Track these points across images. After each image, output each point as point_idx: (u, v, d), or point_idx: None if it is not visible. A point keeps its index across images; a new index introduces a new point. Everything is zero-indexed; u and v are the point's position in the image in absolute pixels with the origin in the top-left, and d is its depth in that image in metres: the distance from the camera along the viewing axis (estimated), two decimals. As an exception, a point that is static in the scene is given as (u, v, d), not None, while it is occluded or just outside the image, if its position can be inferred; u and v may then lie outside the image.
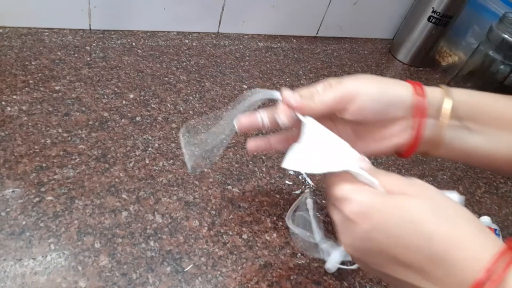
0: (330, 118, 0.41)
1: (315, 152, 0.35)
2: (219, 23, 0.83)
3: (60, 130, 0.54)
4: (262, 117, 0.42)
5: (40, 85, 0.59)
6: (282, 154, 0.61)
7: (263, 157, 0.60)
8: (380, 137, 0.41)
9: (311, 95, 0.39)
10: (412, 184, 0.31)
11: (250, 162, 0.58)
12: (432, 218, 0.28)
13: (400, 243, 0.29)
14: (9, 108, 0.54)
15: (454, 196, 0.34)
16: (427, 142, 0.40)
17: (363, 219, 0.30)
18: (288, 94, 0.39)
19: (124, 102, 0.61)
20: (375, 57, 0.96)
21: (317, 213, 0.42)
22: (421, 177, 0.66)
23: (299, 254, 0.49)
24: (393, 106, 0.39)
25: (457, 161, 0.46)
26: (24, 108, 0.55)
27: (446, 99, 0.39)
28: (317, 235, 0.45)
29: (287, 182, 0.57)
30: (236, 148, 0.60)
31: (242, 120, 0.43)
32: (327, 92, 0.38)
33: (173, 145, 0.57)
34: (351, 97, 0.37)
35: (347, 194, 0.31)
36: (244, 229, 0.50)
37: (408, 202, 0.29)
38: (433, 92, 0.39)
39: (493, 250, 0.26)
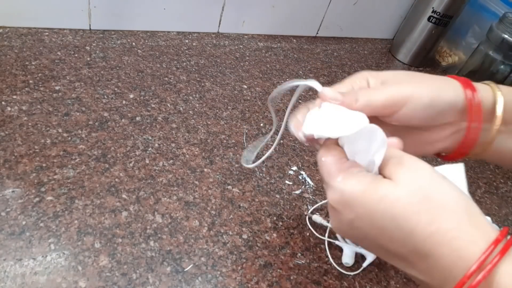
0: (380, 121, 0.37)
1: (332, 117, 0.33)
2: (219, 23, 0.83)
3: (60, 130, 0.54)
4: None
5: (40, 85, 0.59)
6: (282, 154, 0.61)
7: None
8: (423, 142, 0.37)
9: (353, 92, 0.35)
10: (405, 166, 0.29)
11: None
12: (415, 215, 0.27)
13: (384, 235, 0.28)
14: (9, 108, 0.54)
15: (460, 168, 0.32)
16: (476, 146, 0.37)
17: (345, 208, 0.29)
18: (328, 92, 0.35)
19: (124, 102, 0.61)
20: (375, 57, 0.96)
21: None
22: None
23: (299, 254, 0.49)
24: (445, 113, 0.35)
25: (501, 166, 0.43)
26: (24, 108, 0.55)
27: (498, 102, 0.35)
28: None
29: (287, 182, 0.57)
30: (236, 148, 0.60)
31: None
32: (374, 93, 0.34)
33: (173, 145, 0.57)
34: (403, 103, 0.33)
35: (331, 180, 0.30)
36: (244, 229, 0.50)
37: (391, 194, 0.27)
38: (483, 92, 0.35)
39: (482, 245, 0.25)
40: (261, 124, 0.66)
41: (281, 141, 0.64)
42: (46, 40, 0.67)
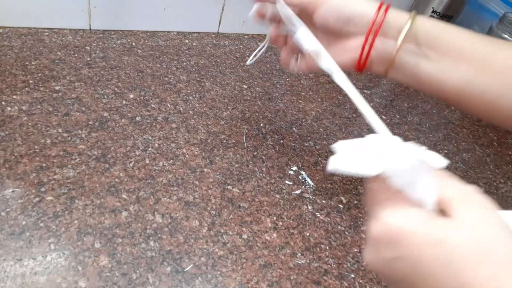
0: (309, 22, 0.44)
1: (366, 149, 0.29)
2: (219, 23, 0.83)
3: (60, 130, 0.54)
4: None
5: (40, 85, 0.59)
6: (282, 154, 0.61)
7: (263, 157, 0.60)
8: (342, 49, 0.44)
9: None
10: (470, 205, 0.25)
11: (250, 162, 0.58)
12: (476, 265, 0.23)
13: (430, 281, 0.25)
14: (9, 108, 0.54)
15: None
16: (379, 61, 0.43)
17: (389, 245, 0.26)
18: None
19: (124, 102, 0.61)
20: (375, 57, 0.96)
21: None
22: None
23: (299, 254, 0.49)
24: (354, 19, 0.41)
25: (408, 86, 0.53)
26: (24, 108, 0.55)
27: (408, 23, 0.40)
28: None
29: (287, 182, 0.57)
30: (236, 148, 0.60)
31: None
32: None
33: (173, 145, 0.57)
34: (320, 1, 0.42)
35: (378, 209, 0.27)
36: (244, 229, 0.50)
37: (451, 239, 0.24)
38: (397, 15, 0.41)
39: None
40: (261, 124, 0.66)
41: (281, 141, 0.64)
42: (46, 40, 0.67)
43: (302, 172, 0.60)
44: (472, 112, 0.42)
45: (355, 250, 0.51)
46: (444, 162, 0.28)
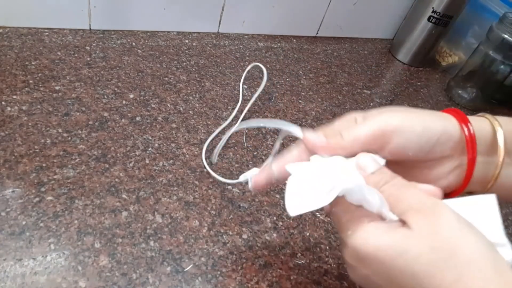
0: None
1: (314, 182, 0.30)
2: (219, 23, 0.83)
3: (60, 130, 0.54)
4: (276, 171, 0.37)
5: (40, 85, 0.59)
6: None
7: (263, 157, 0.60)
8: (424, 181, 0.33)
9: (337, 132, 0.33)
10: (427, 214, 0.26)
11: (250, 162, 0.58)
12: (439, 272, 0.24)
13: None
14: (9, 108, 0.54)
15: (490, 200, 0.29)
16: (477, 182, 0.34)
17: (360, 264, 0.27)
18: (311, 136, 0.33)
19: (124, 102, 0.61)
20: (375, 57, 0.96)
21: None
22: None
23: (299, 254, 0.49)
24: (441, 144, 0.32)
25: (505, 199, 0.40)
26: (24, 108, 0.55)
27: (499, 133, 0.32)
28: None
29: (287, 182, 0.57)
30: (236, 148, 0.60)
31: (259, 180, 0.37)
32: (359, 127, 0.32)
33: (173, 145, 0.57)
34: (390, 133, 0.31)
35: (342, 234, 0.29)
36: (244, 229, 0.50)
37: (412, 250, 0.25)
38: (477, 123, 0.33)
39: None
40: (261, 124, 0.65)
41: (281, 141, 0.64)
42: (46, 40, 0.67)
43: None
44: None
45: (355, 250, 0.51)
46: (382, 161, 0.30)
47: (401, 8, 0.99)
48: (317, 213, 0.54)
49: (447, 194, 0.35)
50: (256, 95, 0.64)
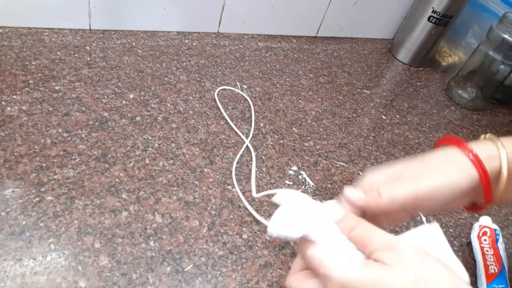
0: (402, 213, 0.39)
1: (294, 214, 0.34)
2: (219, 23, 0.83)
3: (60, 130, 0.54)
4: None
5: (40, 85, 0.59)
6: (282, 154, 0.61)
7: (263, 157, 0.60)
8: (442, 210, 0.41)
9: (374, 188, 0.36)
10: (394, 250, 0.30)
11: (250, 162, 0.58)
12: None
13: None
14: (9, 108, 0.54)
15: (435, 228, 0.34)
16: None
17: None
18: (352, 193, 0.36)
19: (124, 102, 0.61)
20: (375, 57, 0.96)
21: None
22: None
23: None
24: (463, 197, 0.37)
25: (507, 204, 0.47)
26: (24, 108, 0.55)
27: (503, 164, 0.37)
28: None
29: (287, 182, 0.57)
30: (236, 148, 0.60)
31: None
32: (397, 188, 0.36)
33: (173, 145, 0.57)
34: (426, 198, 0.35)
35: (326, 271, 0.31)
36: (244, 229, 0.50)
37: (386, 278, 0.29)
38: (487, 152, 0.37)
39: None
40: (261, 124, 0.66)
41: (281, 141, 0.64)
42: (46, 40, 0.67)
43: (302, 172, 0.60)
44: None
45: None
46: (342, 213, 0.34)
47: (401, 8, 0.99)
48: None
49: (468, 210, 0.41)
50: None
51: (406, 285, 0.28)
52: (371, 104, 0.79)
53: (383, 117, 0.77)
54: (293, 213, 0.33)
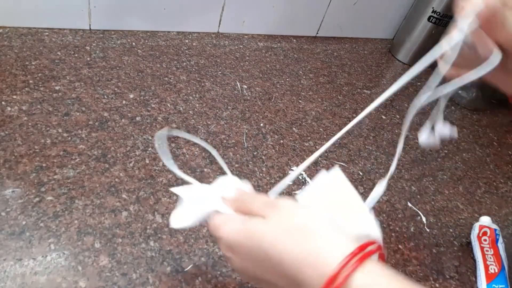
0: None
1: (190, 206, 0.38)
2: (219, 23, 0.83)
3: (60, 130, 0.54)
4: None
5: (40, 85, 0.59)
6: (282, 154, 0.61)
7: (263, 157, 0.60)
8: None
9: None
10: (275, 206, 0.32)
11: (250, 162, 0.58)
12: (280, 243, 0.29)
13: (262, 268, 0.31)
14: (9, 108, 0.54)
15: (337, 172, 0.34)
16: None
17: (232, 253, 0.33)
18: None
19: (124, 102, 0.61)
20: (375, 57, 0.96)
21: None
22: (421, 177, 0.67)
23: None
24: None
25: None
26: (24, 108, 0.55)
27: None
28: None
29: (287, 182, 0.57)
30: (236, 148, 0.60)
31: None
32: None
33: (173, 145, 0.57)
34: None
35: (214, 232, 0.34)
36: (244, 229, 0.50)
37: (259, 229, 0.31)
38: None
39: (337, 260, 0.27)
40: (261, 124, 0.66)
41: (281, 141, 0.64)
42: (46, 40, 0.67)
43: (302, 172, 0.60)
44: None
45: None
46: (248, 186, 0.38)
47: (401, 8, 0.99)
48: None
49: None
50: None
51: (277, 232, 0.30)
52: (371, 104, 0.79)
53: (383, 117, 0.77)
54: (188, 206, 0.37)
